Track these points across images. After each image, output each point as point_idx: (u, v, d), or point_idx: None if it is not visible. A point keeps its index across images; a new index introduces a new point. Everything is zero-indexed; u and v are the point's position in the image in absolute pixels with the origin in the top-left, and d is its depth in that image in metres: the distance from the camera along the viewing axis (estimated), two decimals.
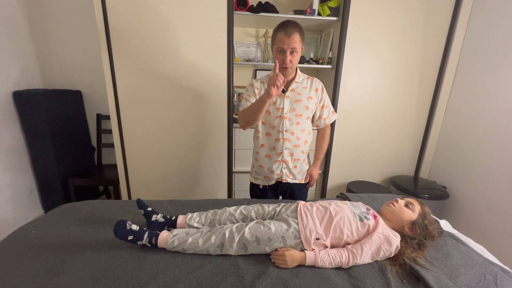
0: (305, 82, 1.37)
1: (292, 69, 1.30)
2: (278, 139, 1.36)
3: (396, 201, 1.09)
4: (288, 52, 1.21)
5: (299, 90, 1.35)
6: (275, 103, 1.34)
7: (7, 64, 1.90)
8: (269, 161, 1.42)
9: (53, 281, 0.82)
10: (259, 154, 1.44)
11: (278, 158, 1.39)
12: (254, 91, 1.36)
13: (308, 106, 1.36)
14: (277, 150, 1.38)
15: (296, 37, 1.20)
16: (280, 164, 1.40)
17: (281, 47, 1.20)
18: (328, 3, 1.88)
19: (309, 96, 1.36)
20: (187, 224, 1.09)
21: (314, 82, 1.39)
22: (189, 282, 0.83)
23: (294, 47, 1.20)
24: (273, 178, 1.44)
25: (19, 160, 2.03)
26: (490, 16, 1.82)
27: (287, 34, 1.18)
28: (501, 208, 1.72)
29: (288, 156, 1.39)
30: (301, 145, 1.39)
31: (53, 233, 1.07)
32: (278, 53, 1.24)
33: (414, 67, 2.07)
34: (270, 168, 1.41)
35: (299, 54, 1.25)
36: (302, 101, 1.34)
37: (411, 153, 2.31)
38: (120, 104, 1.85)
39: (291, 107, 1.34)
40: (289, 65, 1.24)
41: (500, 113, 1.74)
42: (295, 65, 1.29)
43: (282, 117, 1.34)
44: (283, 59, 1.22)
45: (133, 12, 1.70)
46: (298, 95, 1.34)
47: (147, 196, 2.01)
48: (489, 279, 0.89)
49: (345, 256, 0.92)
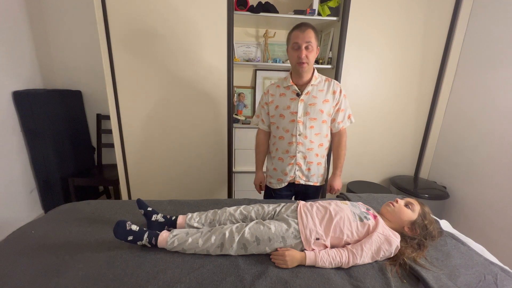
0: (321, 84, 1.34)
1: (309, 66, 1.26)
2: (292, 142, 1.36)
3: (396, 201, 1.09)
4: (303, 46, 1.20)
5: (314, 93, 1.32)
6: (289, 107, 1.33)
7: (7, 64, 1.90)
8: (282, 163, 1.42)
9: (53, 281, 0.82)
10: (274, 158, 1.46)
11: (291, 161, 1.39)
12: (266, 101, 1.42)
13: (323, 109, 1.32)
14: (290, 153, 1.38)
15: (310, 33, 1.20)
16: (293, 166, 1.40)
17: (296, 42, 1.21)
18: (328, 3, 1.88)
19: (325, 99, 1.32)
20: (187, 224, 1.09)
21: (332, 85, 1.35)
22: (189, 282, 0.83)
23: (309, 41, 1.19)
24: (286, 180, 1.44)
25: (19, 160, 2.03)
26: (490, 16, 1.82)
27: (301, 30, 1.20)
28: (501, 208, 1.72)
29: (301, 159, 1.38)
30: (314, 148, 1.37)
31: (53, 233, 1.07)
32: (293, 50, 1.23)
33: (414, 67, 2.07)
34: (284, 170, 1.42)
35: (315, 51, 1.24)
36: (317, 104, 1.31)
37: (411, 153, 2.31)
38: (120, 104, 1.85)
39: (305, 111, 1.32)
40: (305, 60, 1.21)
41: (500, 113, 1.74)
42: (312, 62, 1.27)
43: (296, 121, 1.33)
44: (299, 54, 1.21)
45: (133, 12, 1.70)
46: (313, 98, 1.32)
47: (147, 196, 2.01)
48: (489, 279, 0.89)
49: (345, 256, 0.92)
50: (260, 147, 1.52)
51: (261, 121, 1.48)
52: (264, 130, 1.50)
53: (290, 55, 1.28)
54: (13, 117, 1.96)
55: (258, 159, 1.54)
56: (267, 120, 1.47)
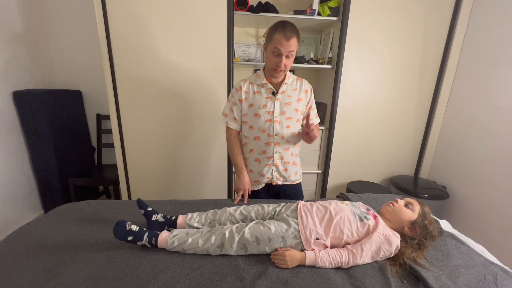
0: (294, 83, 1.33)
1: (285, 72, 1.27)
2: (269, 143, 1.33)
3: (396, 201, 1.09)
4: (284, 56, 1.17)
5: (289, 92, 1.31)
6: (265, 106, 1.29)
7: (7, 64, 1.90)
8: (258, 165, 1.38)
9: (53, 281, 0.82)
10: (248, 160, 1.41)
11: (268, 161, 1.36)
12: (239, 98, 1.32)
13: (298, 108, 1.32)
14: (267, 154, 1.35)
15: (294, 41, 1.16)
16: (270, 167, 1.37)
17: (278, 49, 1.16)
18: (328, 3, 1.88)
19: (299, 98, 1.33)
20: (187, 224, 1.09)
21: (303, 84, 1.35)
22: (189, 282, 0.83)
23: (291, 51, 1.17)
24: (263, 182, 1.41)
25: (19, 160, 2.03)
26: (490, 16, 1.82)
27: (286, 37, 1.13)
28: (501, 208, 1.72)
29: (278, 160, 1.36)
30: (290, 148, 1.37)
31: (53, 233, 1.07)
32: (273, 56, 1.19)
33: (414, 67, 2.07)
34: (260, 171, 1.39)
35: (293, 57, 1.22)
36: (292, 103, 1.31)
37: (411, 153, 2.31)
38: (120, 104, 1.85)
39: (281, 110, 1.31)
40: (283, 68, 1.21)
41: (500, 113, 1.74)
42: (288, 69, 1.26)
43: (273, 121, 1.30)
44: (278, 62, 1.19)
45: (133, 12, 1.70)
46: (288, 97, 1.31)
47: (147, 196, 2.00)
48: (489, 279, 0.89)
49: (345, 256, 0.92)
50: (237, 147, 1.39)
51: (233, 119, 1.37)
52: (236, 130, 1.40)
53: (268, 57, 1.23)
54: (13, 117, 1.96)
55: (239, 160, 1.37)
56: (239, 118, 1.37)
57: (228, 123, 1.38)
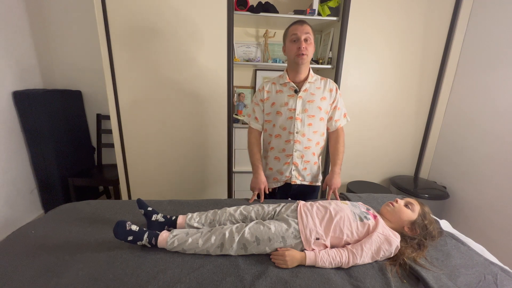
0: (318, 82, 1.34)
1: (308, 59, 1.25)
2: (289, 140, 1.33)
3: (396, 201, 1.09)
4: (303, 38, 1.19)
5: (312, 90, 1.31)
6: (287, 104, 1.30)
7: (7, 64, 1.90)
8: (278, 163, 1.39)
9: (53, 281, 0.82)
10: (269, 158, 1.43)
11: (287, 160, 1.36)
12: (261, 98, 1.37)
13: (321, 107, 1.31)
14: (287, 152, 1.35)
15: (308, 27, 1.21)
16: (289, 166, 1.37)
17: (295, 34, 1.20)
18: (328, 3, 1.88)
19: (323, 97, 1.31)
20: (187, 224, 1.09)
21: (328, 83, 1.35)
22: (189, 282, 0.83)
23: (307, 33, 1.20)
24: (282, 180, 1.41)
25: (19, 160, 2.03)
26: (490, 16, 1.82)
27: (300, 24, 1.21)
28: (501, 208, 1.72)
29: (298, 158, 1.35)
30: (312, 147, 1.35)
31: (53, 233, 1.07)
32: (292, 43, 1.22)
33: (414, 67, 2.07)
34: (280, 170, 1.39)
35: (312, 45, 1.24)
36: (315, 101, 1.30)
37: (411, 153, 2.31)
38: (120, 104, 1.85)
39: (303, 108, 1.30)
40: (304, 51, 1.20)
41: (500, 113, 1.74)
42: (310, 56, 1.26)
43: (294, 118, 1.30)
44: (299, 45, 1.20)
45: (133, 12, 1.70)
46: (311, 95, 1.30)
47: (147, 196, 2.00)
48: (489, 279, 0.89)
49: (345, 256, 0.92)
50: (256, 146, 1.42)
51: (255, 119, 1.41)
52: (258, 130, 1.43)
53: (288, 48, 1.26)
54: (13, 117, 1.96)
55: (256, 159, 1.39)
56: (261, 118, 1.40)
57: (250, 122, 1.43)
